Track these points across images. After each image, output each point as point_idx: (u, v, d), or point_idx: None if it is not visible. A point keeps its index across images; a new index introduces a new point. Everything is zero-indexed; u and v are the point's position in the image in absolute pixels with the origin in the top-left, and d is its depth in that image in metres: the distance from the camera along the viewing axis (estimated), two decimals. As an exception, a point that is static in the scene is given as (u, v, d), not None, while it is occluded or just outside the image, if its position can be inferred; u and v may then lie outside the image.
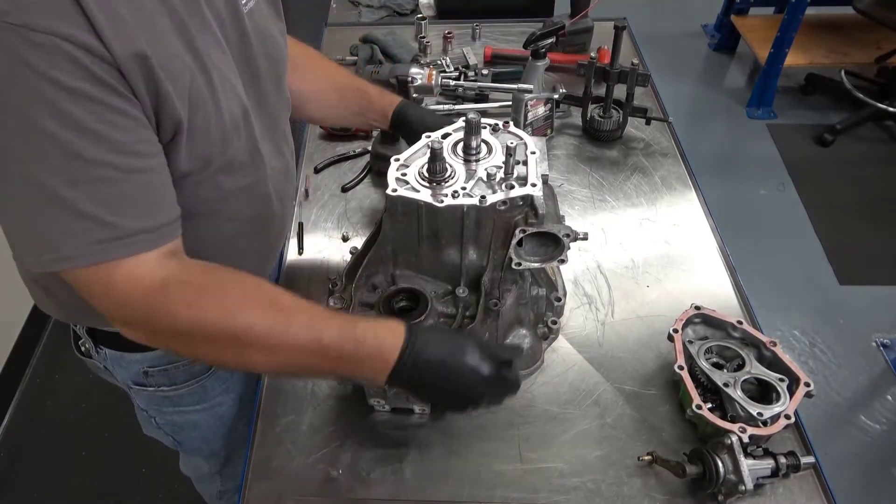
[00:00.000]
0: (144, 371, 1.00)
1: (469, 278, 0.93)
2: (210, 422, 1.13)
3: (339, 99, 1.16)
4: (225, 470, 1.30)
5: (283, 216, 1.01)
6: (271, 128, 0.91)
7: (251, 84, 0.83)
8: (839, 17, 3.36)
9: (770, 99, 3.27)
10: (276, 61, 0.91)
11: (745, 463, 0.83)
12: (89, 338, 0.99)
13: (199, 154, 0.74)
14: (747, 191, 2.89)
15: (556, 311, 1.06)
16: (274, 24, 0.92)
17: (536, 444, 0.95)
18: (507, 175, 0.84)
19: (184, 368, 1.01)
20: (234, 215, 0.87)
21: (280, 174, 0.95)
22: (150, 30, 0.65)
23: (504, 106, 1.54)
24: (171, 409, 1.09)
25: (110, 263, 0.67)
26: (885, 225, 2.72)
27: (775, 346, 0.96)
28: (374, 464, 0.93)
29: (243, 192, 0.86)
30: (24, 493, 1.97)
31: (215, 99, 0.74)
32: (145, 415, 1.12)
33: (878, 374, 2.20)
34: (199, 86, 0.71)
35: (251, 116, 0.83)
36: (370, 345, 0.74)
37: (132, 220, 0.67)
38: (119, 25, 0.62)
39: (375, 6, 2.06)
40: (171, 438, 1.17)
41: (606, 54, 1.58)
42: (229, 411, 1.14)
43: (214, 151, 0.77)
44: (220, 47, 0.76)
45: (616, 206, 1.33)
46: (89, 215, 0.64)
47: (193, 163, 0.74)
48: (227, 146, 0.78)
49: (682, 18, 3.99)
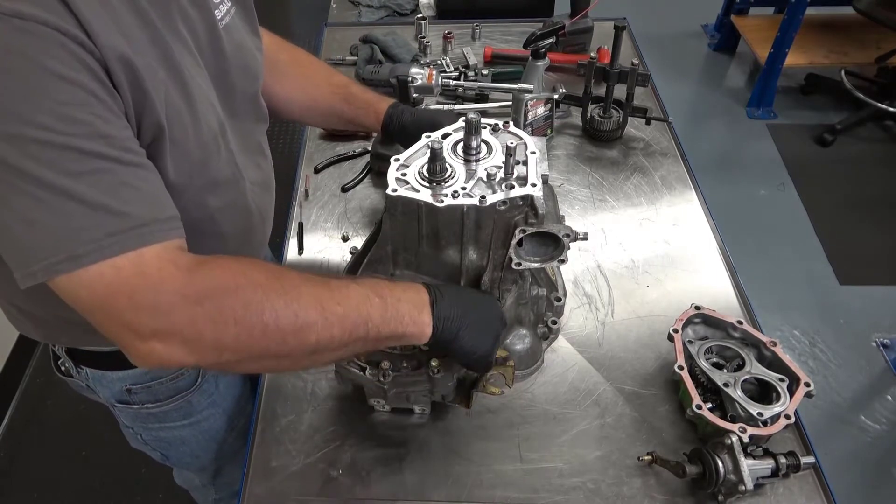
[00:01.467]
0: (127, 389, 0.99)
1: (469, 278, 0.93)
2: (197, 436, 1.12)
3: (329, 104, 1.16)
4: (217, 480, 1.29)
5: (264, 230, 1.01)
6: (248, 141, 0.91)
7: (226, 98, 0.83)
8: (839, 17, 3.36)
9: (770, 99, 3.27)
10: (252, 76, 0.90)
11: (745, 463, 0.83)
12: (69, 357, 0.97)
13: (181, 168, 0.73)
14: (747, 191, 2.89)
15: (556, 311, 1.06)
16: (249, 39, 0.91)
17: (536, 444, 0.95)
18: (507, 175, 0.84)
19: (168, 384, 1.00)
20: (218, 232, 0.86)
21: (259, 188, 0.94)
22: (129, 38, 0.64)
23: (504, 106, 1.54)
24: (156, 425, 1.07)
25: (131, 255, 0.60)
26: (885, 225, 2.72)
27: (775, 346, 0.96)
28: (374, 464, 0.93)
29: (227, 209, 0.85)
30: (24, 493, 1.97)
31: (192, 111, 0.73)
32: (131, 431, 1.10)
33: (878, 374, 2.20)
34: (174, 99, 0.69)
35: (227, 131, 0.82)
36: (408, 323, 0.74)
37: (143, 209, 0.62)
38: (104, 26, 0.61)
39: (375, 6, 2.06)
40: (158, 453, 1.16)
41: (606, 54, 1.58)
42: (216, 425, 1.12)
43: (195, 165, 0.75)
44: (196, 61, 0.75)
45: (616, 206, 1.33)
46: (98, 205, 0.59)
47: (179, 177, 0.72)
48: (207, 160, 0.77)
49: (682, 18, 3.98)
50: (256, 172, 0.94)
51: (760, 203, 2.85)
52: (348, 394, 1.01)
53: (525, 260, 0.87)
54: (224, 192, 0.84)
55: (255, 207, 0.93)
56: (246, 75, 0.87)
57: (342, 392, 1.01)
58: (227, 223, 0.87)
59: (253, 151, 0.94)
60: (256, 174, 0.94)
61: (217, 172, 0.80)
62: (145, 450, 1.16)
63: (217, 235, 0.86)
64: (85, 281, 0.60)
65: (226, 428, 1.15)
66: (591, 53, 1.47)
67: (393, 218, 0.87)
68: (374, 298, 0.72)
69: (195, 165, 0.75)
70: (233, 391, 1.13)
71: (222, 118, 0.81)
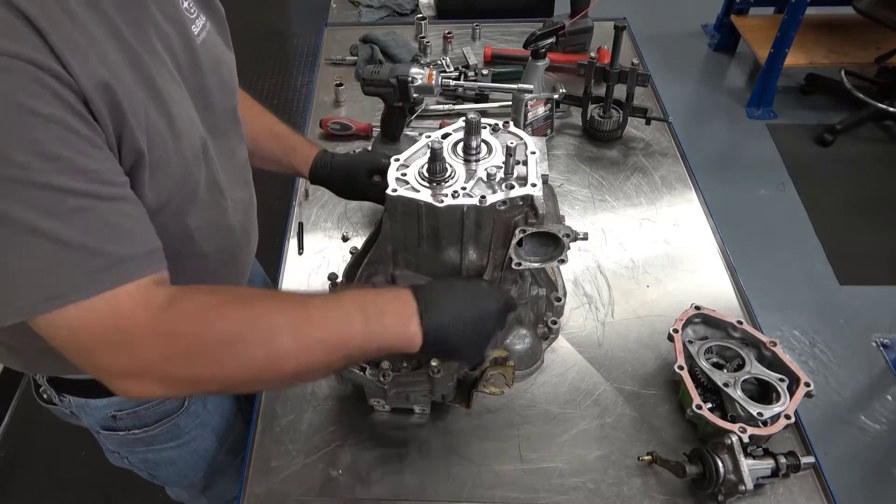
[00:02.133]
0: (112, 415, 0.97)
1: (469, 278, 0.93)
2: (186, 457, 1.10)
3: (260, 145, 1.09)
4: (208, 492, 1.27)
5: (248, 248, 0.99)
6: (230, 158, 0.89)
7: (206, 115, 0.81)
8: (839, 17, 3.35)
9: (770, 99, 3.27)
10: (230, 90, 0.88)
11: (745, 463, 0.83)
12: (50, 386, 0.95)
13: (161, 189, 0.71)
14: (747, 191, 2.89)
15: (556, 311, 1.06)
16: (225, 56, 0.89)
17: (536, 444, 0.95)
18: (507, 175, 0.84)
19: (154, 409, 0.98)
20: (200, 252, 0.84)
21: (242, 205, 0.93)
22: (106, 61, 0.62)
23: (504, 106, 1.54)
24: (143, 448, 1.05)
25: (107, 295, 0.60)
26: (885, 225, 2.72)
27: (775, 346, 0.96)
28: (374, 464, 0.93)
29: (207, 229, 0.84)
30: (24, 493, 1.97)
31: (174, 131, 0.71)
32: (116, 455, 1.08)
33: (878, 374, 2.20)
34: (155, 120, 0.68)
35: (210, 148, 0.81)
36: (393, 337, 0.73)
37: (120, 246, 0.62)
38: (80, 54, 0.59)
39: (375, 6, 2.06)
40: (146, 473, 1.13)
41: (606, 54, 1.58)
42: (205, 444, 1.10)
43: (176, 185, 0.74)
44: (175, 79, 0.73)
45: (616, 206, 1.33)
46: (77, 245, 0.59)
47: (158, 199, 0.71)
48: (188, 178, 0.76)
49: (682, 18, 3.98)
50: (240, 190, 0.92)
51: (760, 203, 2.85)
52: (348, 394, 1.01)
53: (525, 260, 0.87)
54: (205, 212, 0.82)
55: (239, 226, 0.91)
56: (224, 90, 0.86)
57: (342, 392, 1.01)
58: (208, 243, 0.85)
59: (236, 168, 0.92)
60: (240, 192, 0.92)
61: (198, 191, 0.79)
62: (132, 469, 1.13)
63: (198, 255, 0.84)
64: (62, 321, 0.60)
65: (215, 447, 1.12)
66: (591, 53, 1.47)
67: (393, 218, 0.87)
68: (356, 315, 0.71)
69: (176, 185, 0.74)
70: (221, 410, 1.11)
71: (204, 136, 0.79)
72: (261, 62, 3.70)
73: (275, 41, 3.94)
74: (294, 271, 1.21)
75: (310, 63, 3.63)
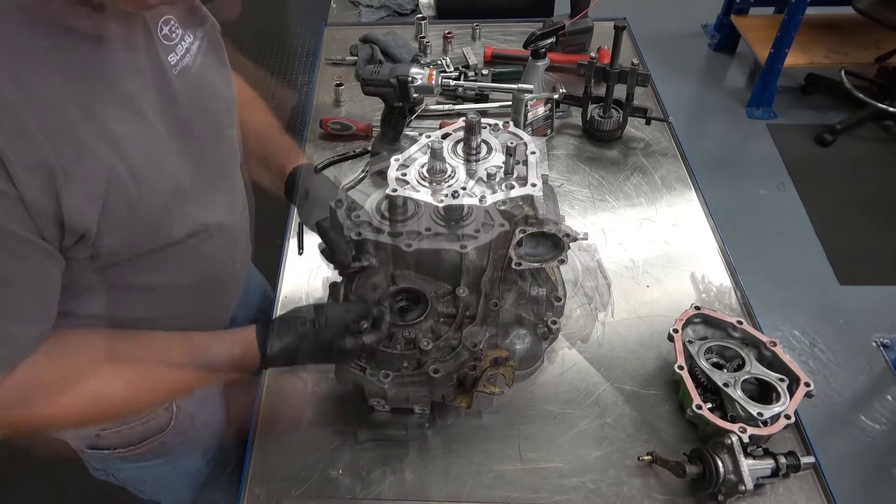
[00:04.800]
0: (97, 434, 0.97)
1: (469, 278, 0.93)
2: (173, 473, 1.09)
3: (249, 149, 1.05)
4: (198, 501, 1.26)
5: (234, 271, 0.97)
6: (215, 183, 0.86)
7: (187, 145, 0.78)
8: (839, 17, 3.35)
9: (770, 99, 3.27)
10: (216, 115, 0.85)
11: (745, 463, 0.83)
12: None
13: (123, 240, 0.71)
14: (747, 191, 2.89)
15: (556, 311, 1.06)
16: (217, 74, 0.86)
17: (536, 444, 0.95)
18: (507, 175, 0.84)
19: (139, 428, 0.98)
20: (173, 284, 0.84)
21: (230, 231, 0.91)
22: (54, 131, 0.59)
23: (504, 106, 1.54)
24: (129, 465, 1.04)
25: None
26: (885, 225, 2.72)
27: (775, 346, 0.96)
28: (374, 464, 0.93)
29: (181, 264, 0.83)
30: (25, 492, 1.97)
31: (137, 182, 0.68)
32: (102, 473, 1.08)
33: (878, 374, 2.20)
34: (118, 174, 0.66)
35: (189, 183, 0.78)
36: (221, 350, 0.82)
37: (34, 328, 0.67)
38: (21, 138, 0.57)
39: (375, 6, 2.06)
40: (132, 487, 1.13)
41: (606, 54, 1.58)
42: (193, 461, 1.10)
43: (146, 233, 0.73)
44: (144, 121, 0.70)
45: (616, 206, 1.33)
46: None
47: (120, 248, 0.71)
48: (159, 225, 0.75)
49: (682, 18, 3.98)
50: (228, 214, 0.90)
51: (760, 203, 2.84)
52: (348, 394, 1.01)
53: (525, 260, 0.88)
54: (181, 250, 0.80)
55: (221, 254, 0.89)
56: (208, 115, 0.82)
57: (342, 392, 1.01)
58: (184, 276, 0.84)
59: (224, 191, 0.89)
60: (228, 216, 0.90)
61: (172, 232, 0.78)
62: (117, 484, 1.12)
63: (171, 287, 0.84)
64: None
65: (203, 462, 1.12)
66: (591, 53, 1.47)
67: None
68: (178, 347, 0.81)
69: (146, 233, 0.74)
70: (210, 427, 1.10)
71: (184, 169, 0.77)
72: (261, 62, 3.70)
73: (275, 41, 3.94)
74: (294, 271, 1.21)
75: (310, 63, 3.63)
